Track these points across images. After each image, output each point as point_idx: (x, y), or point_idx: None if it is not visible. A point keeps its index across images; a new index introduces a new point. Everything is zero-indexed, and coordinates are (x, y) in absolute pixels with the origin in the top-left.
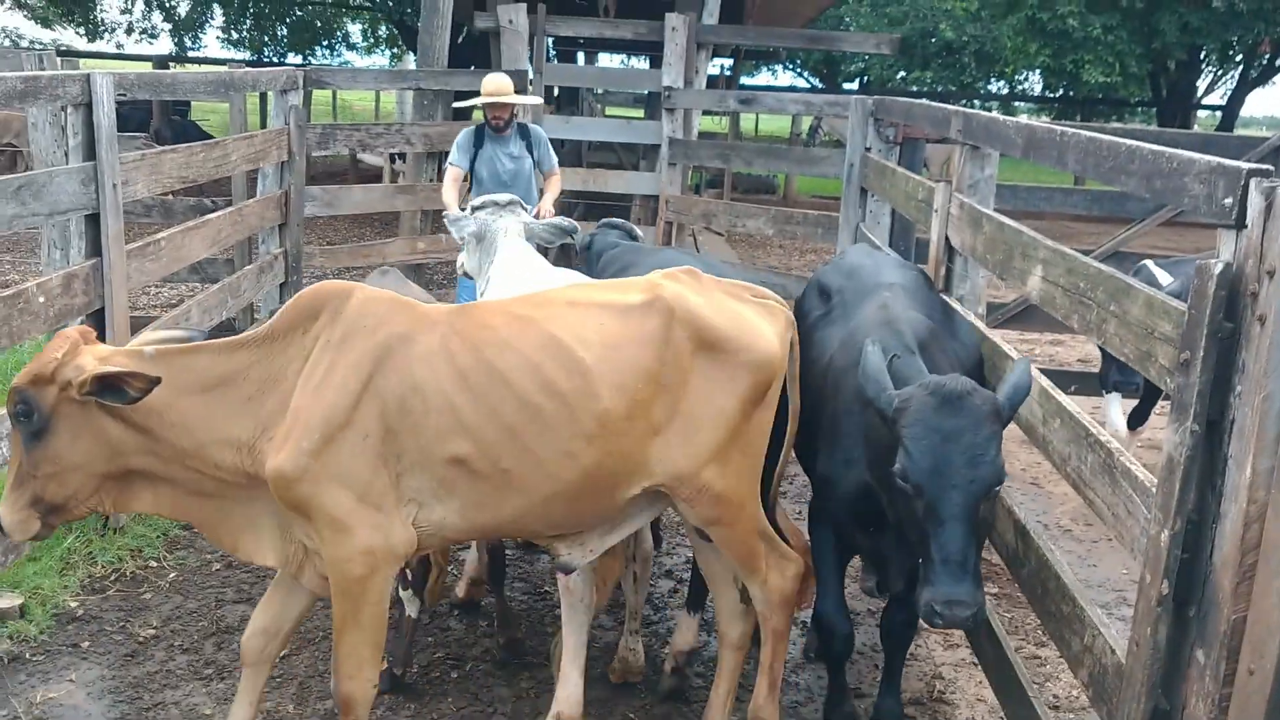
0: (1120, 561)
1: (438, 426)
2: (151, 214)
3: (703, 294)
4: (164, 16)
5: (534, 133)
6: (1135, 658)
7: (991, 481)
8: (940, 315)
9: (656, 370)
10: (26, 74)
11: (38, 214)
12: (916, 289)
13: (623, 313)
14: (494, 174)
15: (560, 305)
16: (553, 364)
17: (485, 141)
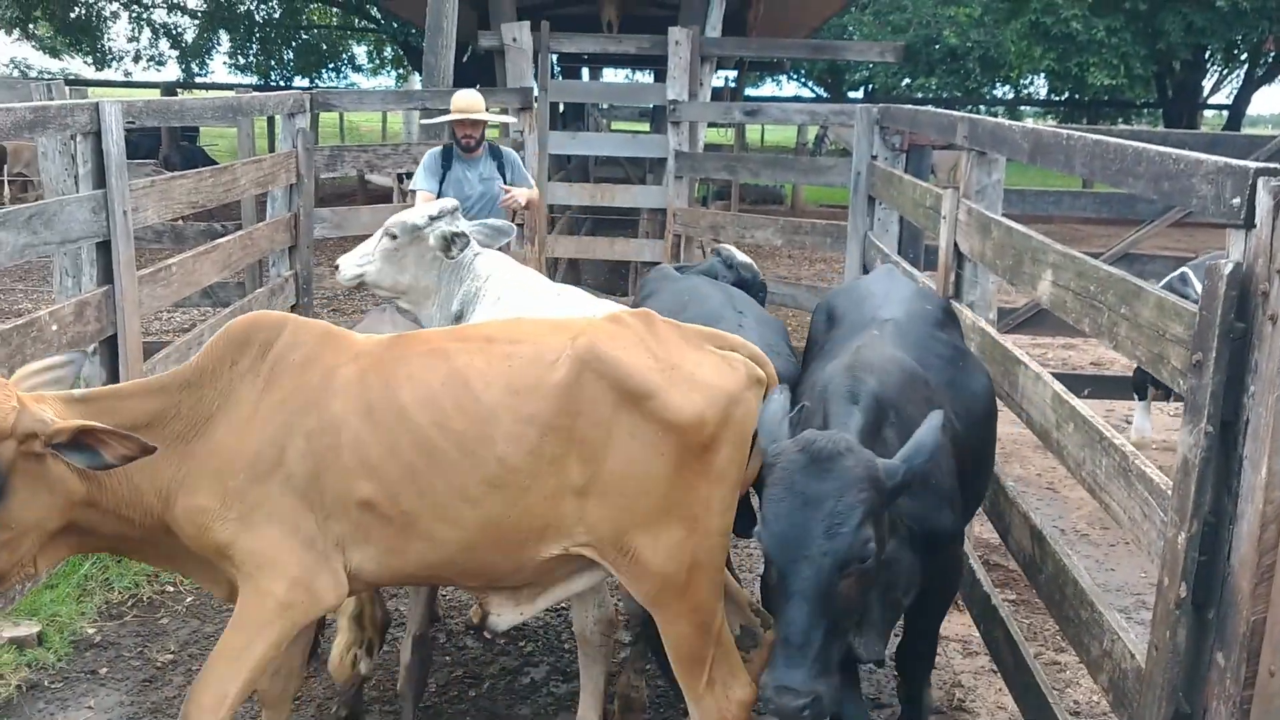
0: (1138, 565)
1: (349, 465)
2: (162, 240)
3: (640, 342)
4: (171, 43)
5: (506, 154)
6: (1155, 662)
7: (848, 557)
8: (942, 361)
9: (566, 424)
10: (36, 104)
11: (49, 242)
12: (915, 326)
13: (533, 358)
14: (463, 197)
15: (477, 341)
16: (451, 402)
17: (453, 163)
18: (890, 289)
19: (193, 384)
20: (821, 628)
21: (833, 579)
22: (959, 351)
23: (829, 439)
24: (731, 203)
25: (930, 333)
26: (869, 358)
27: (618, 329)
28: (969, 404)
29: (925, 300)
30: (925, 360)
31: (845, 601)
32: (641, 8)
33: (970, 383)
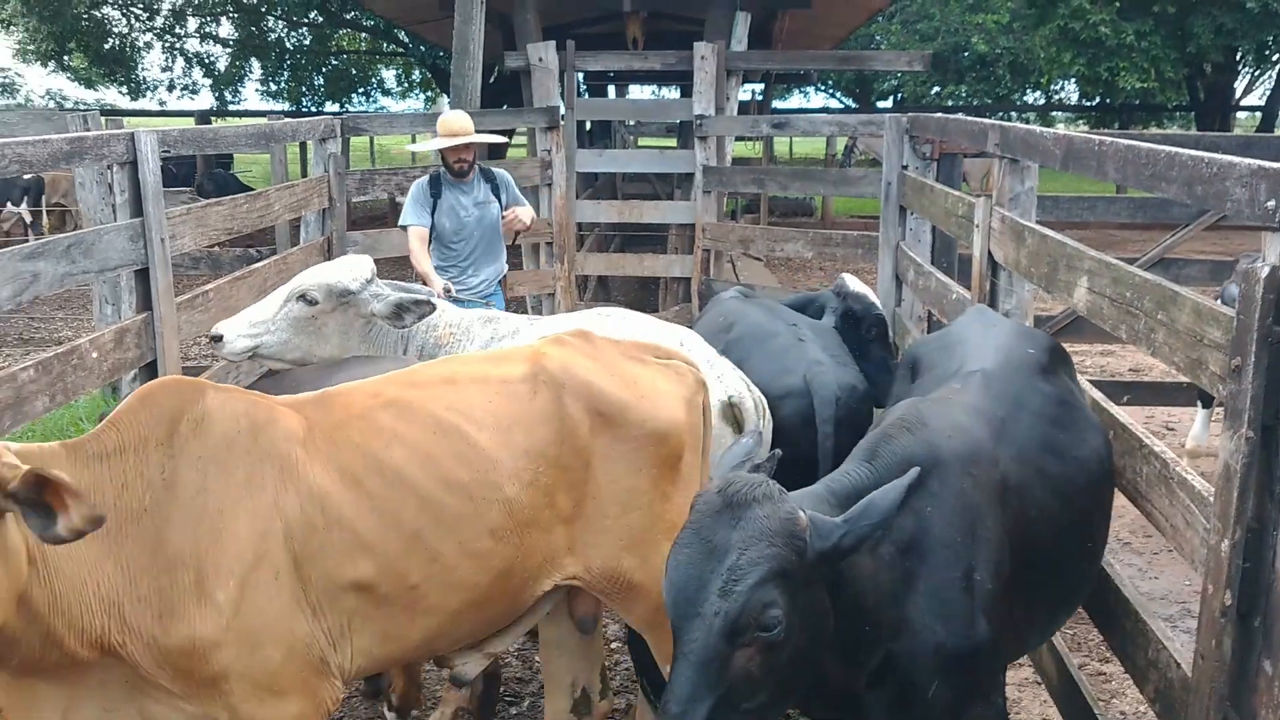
0: (1182, 573)
1: (339, 545)
2: (199, 266)
3: (595, 359)
4: (204, 72)
5: (499, 176)
6: (1201, 671)
7: (741, 621)
8: (1038, 419)
9: (555, 452)
10: (73, 135)
11: (88, 271)
12: (1009, 377)
13: (507, 388)
14: (458, 224)
15: (437, 384)
16: (449, 453)
17: (443, 190)
18: (984, 334)
19: (110, 460)
20: (706, 702)
21: (721, 645)
22: (1065, 406)
23: (747, 482)
24: (761, 216)
25: (1029, 384)
26: (925, 414)
27: (568, 350)
28: (1066, 474)
29: (1027, 343)
30: (1015, 418)
31: (741, 677)
32: (666, 24)
33: (1074, 446)
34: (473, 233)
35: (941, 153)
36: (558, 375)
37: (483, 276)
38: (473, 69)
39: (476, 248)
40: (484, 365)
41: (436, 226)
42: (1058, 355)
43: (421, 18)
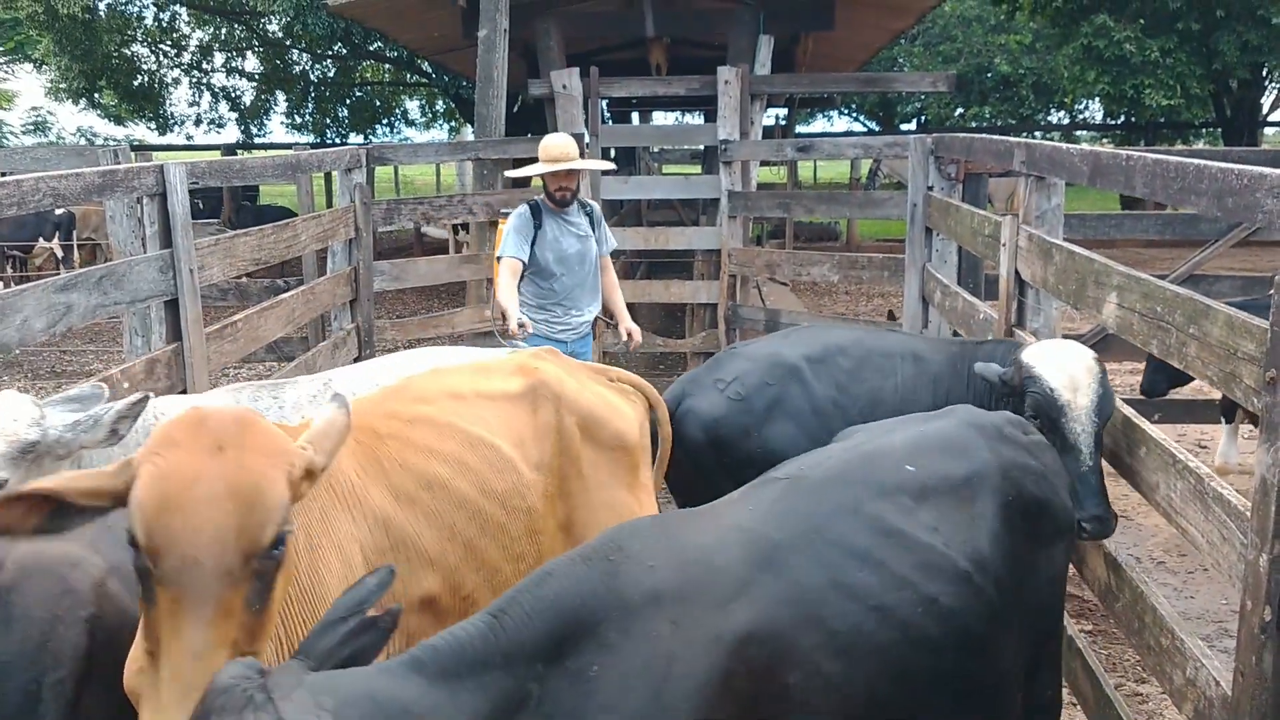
0: (1219, 592)
1: (406, 564)
2: (227, 297)
3: (573, 376)
4: (230, 106)
5: (594, 210)
6: (1241, 689)
7: None
8: (856, 553)
9: (557, 464)
10: (104, 169)
11: (119, 302)
12: (836, 491)
13: (513, 402)
14: (561, 256)
15: (445, 399)
16: (482, 463)
17: (545, 220)
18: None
19: None
20: None
21: None
22: (907, 543)
23: (226, 691)
24: (786, 241)
25: (861, 504)
26: (632, 537)
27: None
28: (894, 627)
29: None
30: (802, 546)
31: None
32: (689, 50)
33: (909, 601)
34: (574, 267)
35: (967, 173)
36: (555, 389)
37: (585, 315)
38: (497, 97)
39: (580, 283)
40: (478, 380)
41: (537, 259)
42: (981, 484)
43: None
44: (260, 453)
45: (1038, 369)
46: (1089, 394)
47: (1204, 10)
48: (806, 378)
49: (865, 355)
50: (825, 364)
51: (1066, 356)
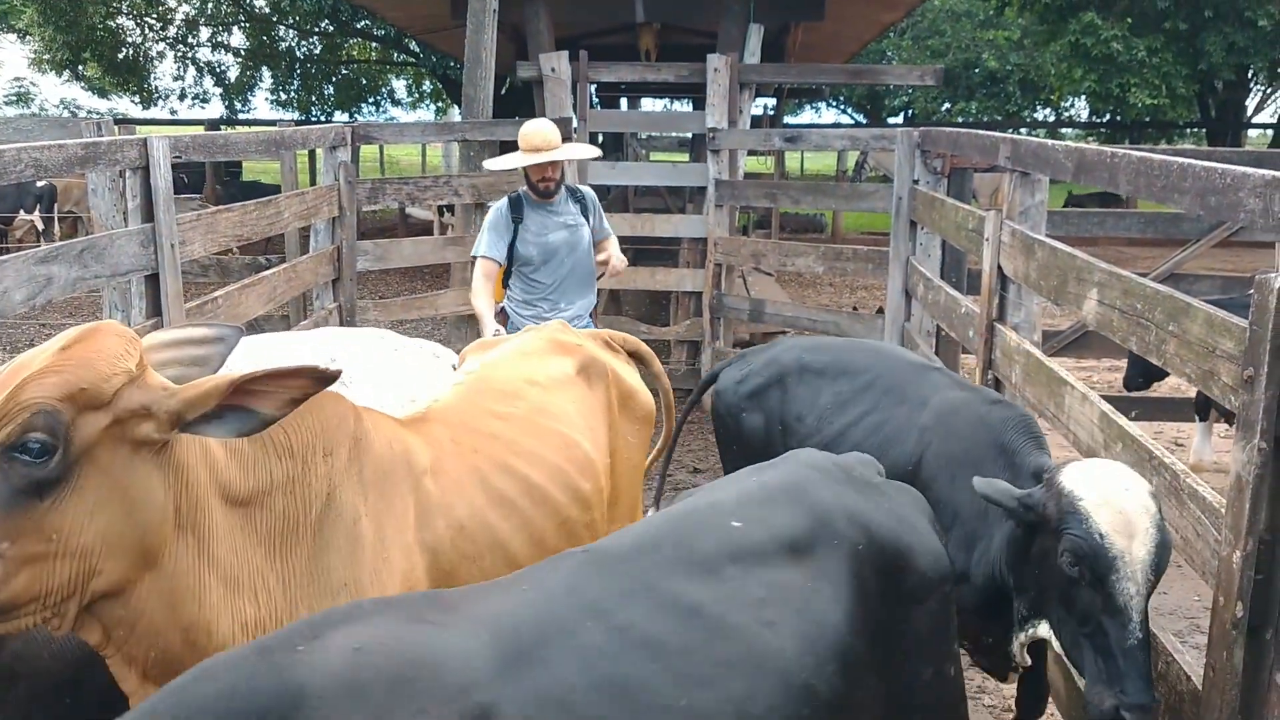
0: (1191, 588)
1: (494, 571)
2: (208, 273)
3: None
4: (215, 81)
5: (586, 196)
6: (1212, 684)
7: None
8: (643, 643)
9: (608, 439)
10: (87, 140)
11: (100, 275)
12: (631, 570)
13: (575, 386)
14: (547, 249)
15: (528, 388)
16: (573, 466)
17: (526, 212)
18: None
19: (282, 458)
20: None
21: None
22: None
23: None
24: (772, 231)
25: (660, 581)
26: (336, 620)
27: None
28: None
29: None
30: (565, 633)
31: None
32: (679, 36)
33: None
34: (563, 259)
35: (952, 168)
36: (601, 365)
37: (575, 309)
38: (485, 79)
39: (568, 276)
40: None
41: (520, 254)
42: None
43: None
44: (60, 355)
45: (1084, 504)
46: (1147, 543)
47: (1191, 10)
48: (789, 385)
49: (871, 385)
50: (819, 378)
51: (1119, 488)
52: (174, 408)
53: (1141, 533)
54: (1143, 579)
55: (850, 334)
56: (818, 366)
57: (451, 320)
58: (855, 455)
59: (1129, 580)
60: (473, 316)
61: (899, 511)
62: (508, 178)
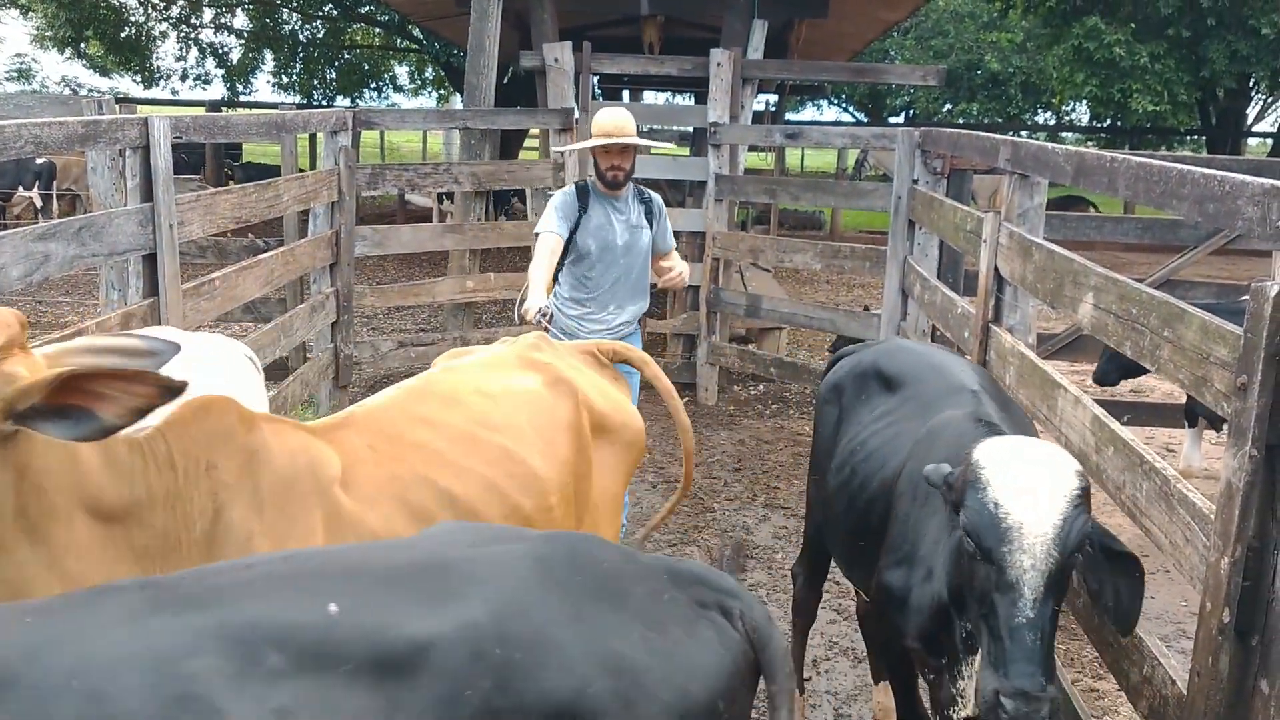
0: (1178, 593)
1: None
2: (206, 255)
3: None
4: (217, 63)
5: (655, 201)
6: (1197, 689)
7: None
8: None
9: (575, 461)
10: (87, 118)
11: (97, 254)
12: None
13: (536, 400)
14: (606, 245)
15: (476, 397)
16: (509, 480)
17: (592, 202)
18: None
19: (161, 470)
20: None
21: None
22: None
23: None
24: (771, 228)
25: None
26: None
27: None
28: None
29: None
30: None
31: None
32: (683, 30)
33: None
34: (618, 259)
35: (952, 169)
36: (570, 381)
37: (626, 314)
38: (488, 67)
39: (621, 278)
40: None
41: (579, 246)
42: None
43: (437, 14)
44: None
45: (984, 472)
46: (1050, 518)
47: (1195, 18)
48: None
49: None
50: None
51: (1026, 460)
52: (6, 394)
53: (1042, 506)
54: (1041, 554)
55: (845, 332)
56: (888, 372)
57: (448, 308)
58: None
59: (1022, 553)
60: (469, 305)
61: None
62: (509, 167)
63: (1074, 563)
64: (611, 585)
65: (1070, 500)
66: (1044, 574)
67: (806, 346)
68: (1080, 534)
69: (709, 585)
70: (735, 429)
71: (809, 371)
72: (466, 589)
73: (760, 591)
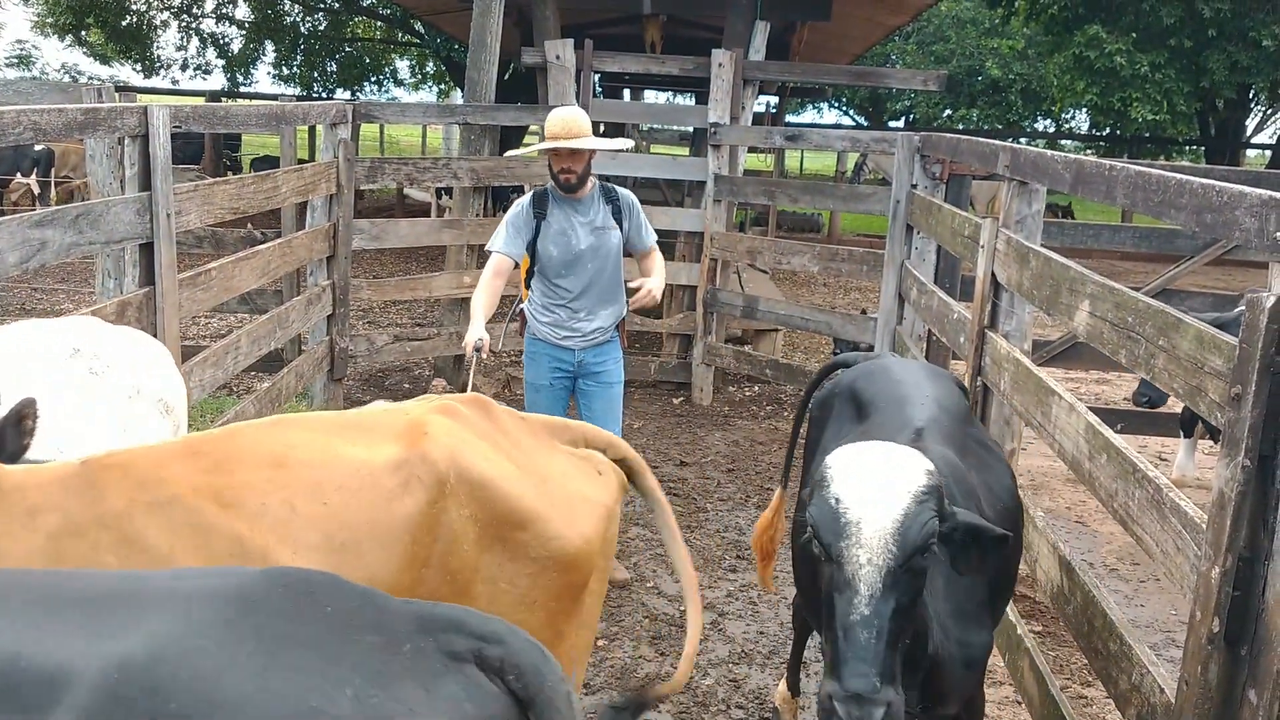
0: (1168, 602)
1: None
2: (203, 245)
3: (495, 444)
4: (218, 53)
5: (623, 197)
6: (1185, 697)
7: None
8: None
9: (417, 576)
10: (87, 105)
11: (94, 242)
12: None
13: (363, 479)
14: (568, 249)
15: (261, 467)
16: None
17: (551, 209)
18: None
19: None
20: None
21: None
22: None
23: None
24: (769, 229)
25: None
26: None
27: (460, 425)
28: None
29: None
30: None
31: None
32: (685, 30)
33: None
34: (587, 264)
35: (951, 174)
36: (441, 468)
37: (598, 321)
38: (489, 63)
39: (591, 284)
40: (336, 436)
41: (541, 254)
42: None
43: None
44: None
45: (829, 471)
46: (889, 513)
47: (1196, 28)
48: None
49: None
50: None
51: (878, 460)
52: None
53: (882, 501)
54: (879, 549)
55: (841, 334)
56: (862, 398)
57: (444, 303)
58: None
59: (859, 548)
60: (465, 301)
61: None
62: (508, 163)
63: (919, 563)
64: (333, 633)
65: (914, 497)
66: (881, 570)
67: (802, 349)
68: (923, 532)
69: (466, 632)
70: (729, 429)
71: (804, 374)
72: (135, 623)
73: (751, 593)
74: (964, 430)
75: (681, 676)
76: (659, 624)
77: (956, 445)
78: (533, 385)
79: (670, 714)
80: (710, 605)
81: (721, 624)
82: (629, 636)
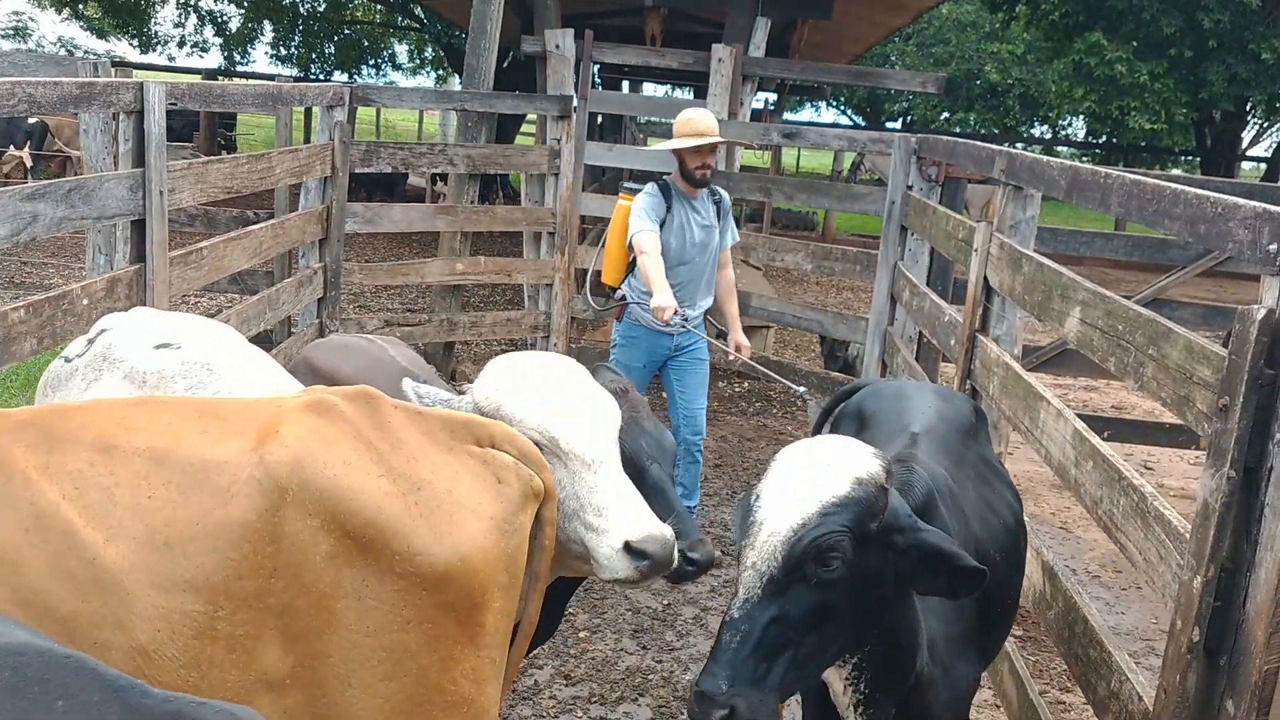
0: (1149, 610)
1: None
2: (195, 224)
3: (366, 445)
4: (215, 31)
5: (725, 199)
6: (1163, 705)
7: None
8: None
9: (257, 587)
10: (82, 79)
11: (86, 217)
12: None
13: (192, 477)
14: (684, 245)
15: (87, 450)
16: (42, 568)
17: (673, 202)
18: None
19: None
20: None
21: None
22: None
23: None
24: (763, 226)
25: None
26: None
27: (328, 425)
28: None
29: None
30: None
31: None
32: (685, 24)
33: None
34: (696, 258)
35: (947, 177)
36: (280, 473)
37: (697, 310)
38: (488, 49)
39: (698, 275)
40: (192, 423)
41: (661, 244)
42: None
43: None
44: None
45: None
46: (786, 520)
47: (1197, 39)
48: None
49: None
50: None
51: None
52: None
53: (784, 507)
54: (765, 554)
55: (832, 333)
56: (865, 413)
57: (436, 289)
58: None
59: (750, 549)
60: (457, 287)
61: None
62: (504, 151)
63: (823, 574)
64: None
65: (822, 506)
66: (763, 576)
67: (793, 346)
68: (815, 544)
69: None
70: (718, 425)
71: (794, 371)
72: None
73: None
74: (966, 444)
75: None
76: (641, 616)
77: (954, 457)
78: (625, 366)
79: (650, 708)
80: (694, 600)
81: (704, 619)
82: (611, 629)
